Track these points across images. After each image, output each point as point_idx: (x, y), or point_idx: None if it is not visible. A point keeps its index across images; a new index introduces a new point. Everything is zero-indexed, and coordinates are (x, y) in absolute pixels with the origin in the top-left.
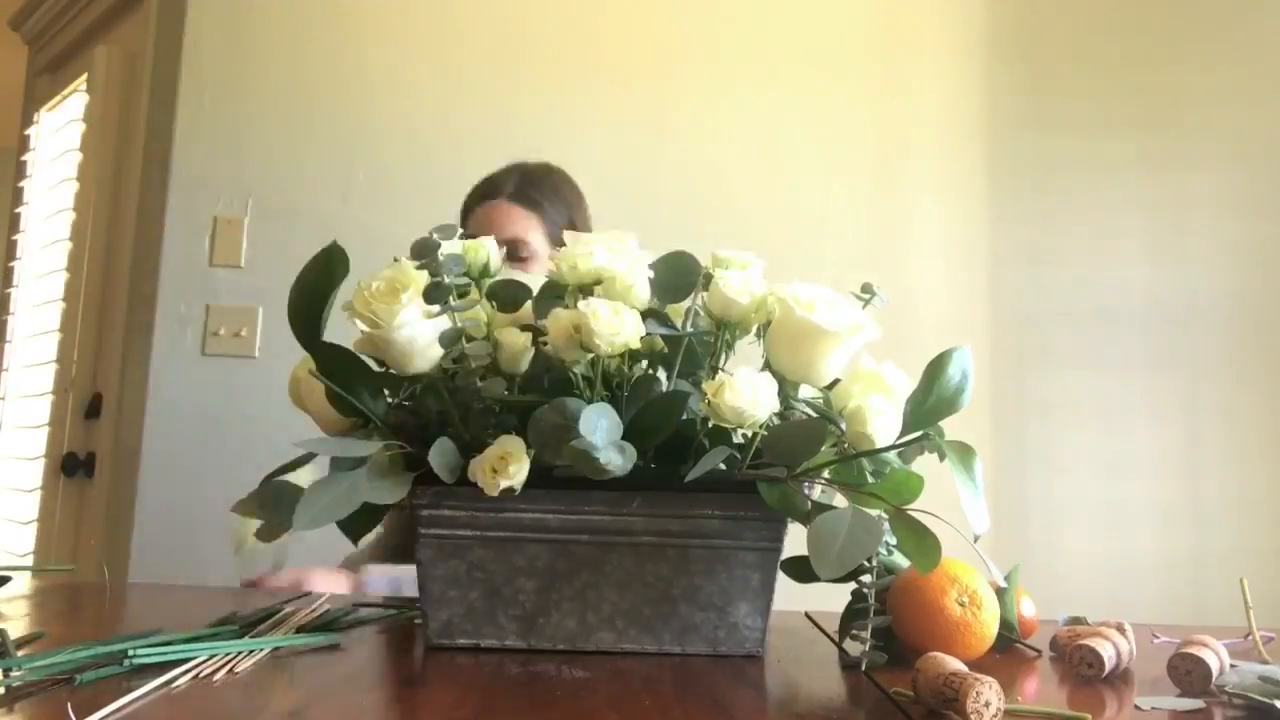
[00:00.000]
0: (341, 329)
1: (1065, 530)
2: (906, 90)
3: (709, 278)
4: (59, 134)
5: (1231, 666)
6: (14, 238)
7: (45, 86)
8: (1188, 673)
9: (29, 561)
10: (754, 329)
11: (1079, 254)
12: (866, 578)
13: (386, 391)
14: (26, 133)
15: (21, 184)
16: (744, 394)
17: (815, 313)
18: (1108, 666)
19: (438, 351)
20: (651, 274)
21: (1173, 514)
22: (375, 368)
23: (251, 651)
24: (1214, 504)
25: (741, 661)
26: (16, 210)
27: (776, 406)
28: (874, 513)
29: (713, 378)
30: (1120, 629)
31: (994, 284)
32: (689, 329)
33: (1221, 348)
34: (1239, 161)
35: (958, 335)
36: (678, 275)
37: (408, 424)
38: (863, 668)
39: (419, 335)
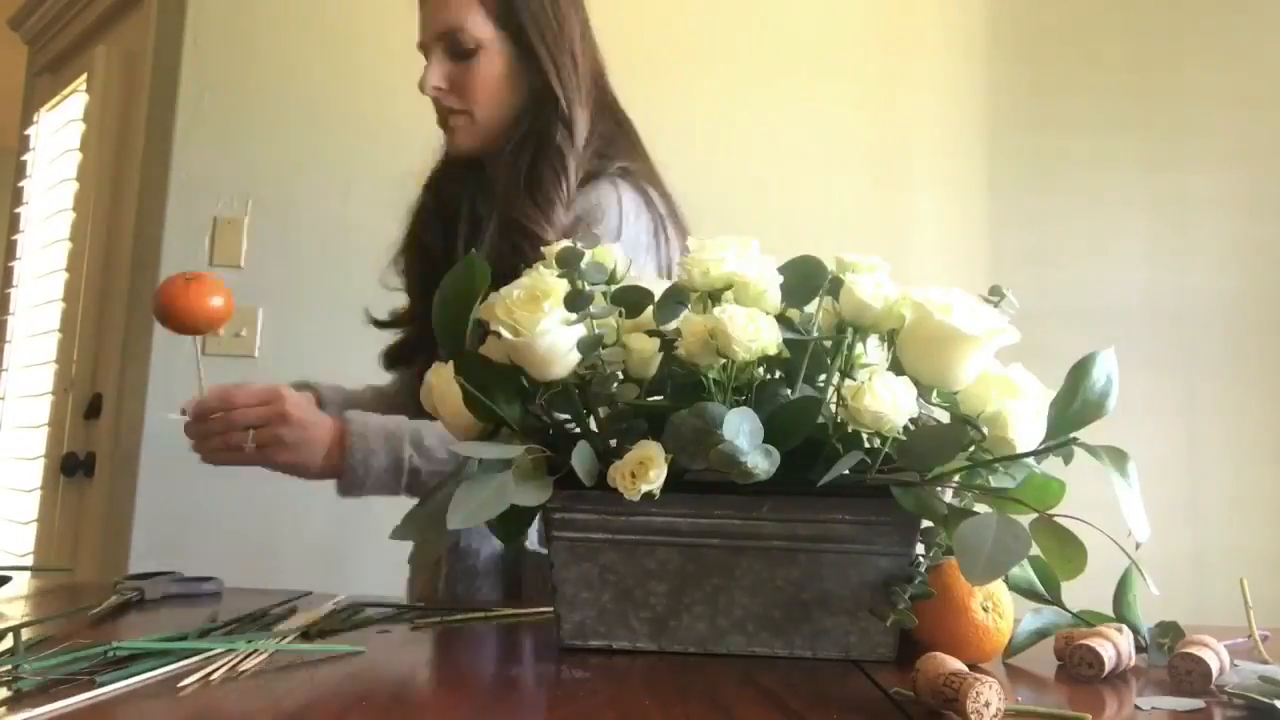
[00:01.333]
0: None
1: None
2: (907, 90)
3: (837, 282)
4: (59, 134)
5: (1233, 666)
6: (14, 238)
7: (45, 86)
8: (1188, 673)
9: (29, 562)
10: (884, 333)
11: (1079, 254)
12: (921, 548)
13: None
14: (26, 133)
15: (21, 184)
16: (884, 398)
17: (954, 315)
18: (1108, 667)
19: (574, 358)
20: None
21: (1172, 514)
22: None
23: (256, 651)
24: (1214, 504)
25: (742, 661)
26: (16, 210)
27: (915, 411)
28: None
29: (840, 382)
30: (1119, 629)
31: (995, 283)
32: (813, 333)
33: (1221, 347)
34: (1239, 161)
35: None
36: (805, 279)
37: (540, 429)
38: (888, 621)
39: (559, 342)
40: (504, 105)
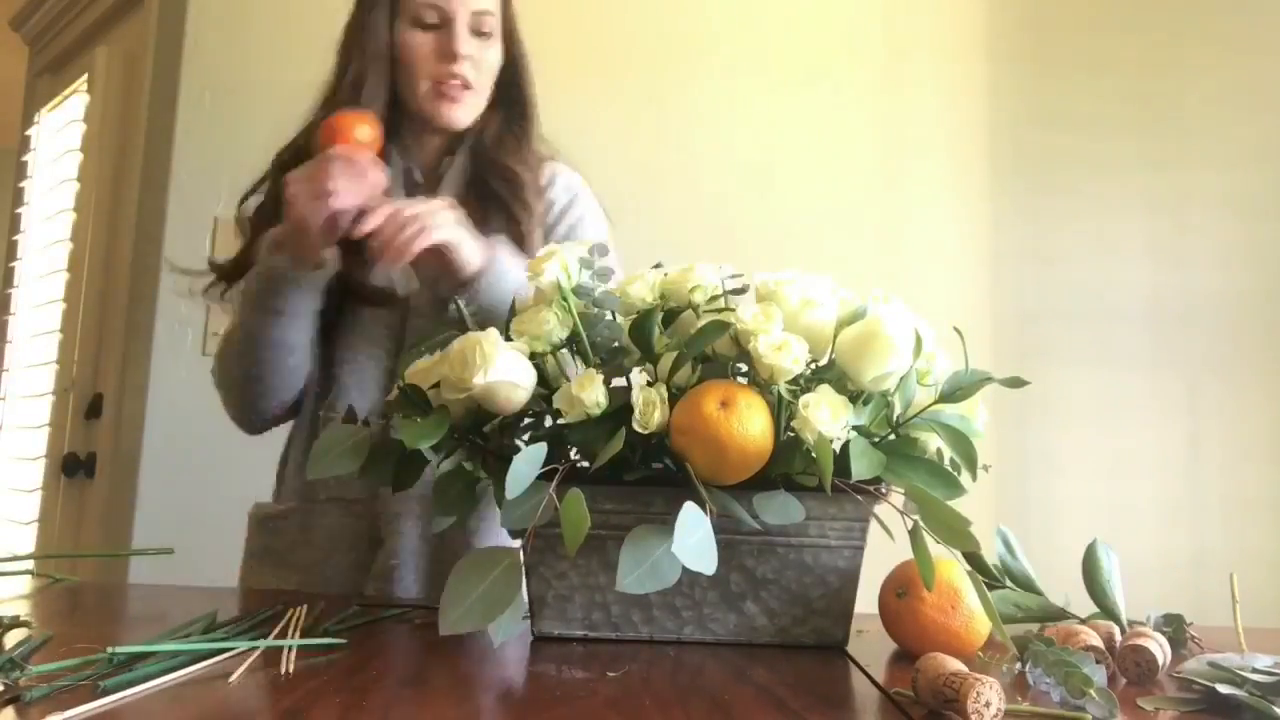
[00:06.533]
0: None
1: (1065, 530)
2: (908, 89)
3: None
4: (60, 134)
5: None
6: (14, 238)
7: (46, 87)
8: (1137, 664)
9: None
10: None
11: (1080, 253)
12: None
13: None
14: (27, 133)
15: (22, 184)
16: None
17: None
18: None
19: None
20: None
21: (1173, 514)
22: None
23: (257, 650)
24: (1215, 503)
25: (742, 661)
26: (17, 211)
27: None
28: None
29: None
30: (1110, 630)
31: (995, 283)
32: None
33: (1222, 347)
34: (1240, 161)
35: None
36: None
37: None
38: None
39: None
40: (488, 93)
